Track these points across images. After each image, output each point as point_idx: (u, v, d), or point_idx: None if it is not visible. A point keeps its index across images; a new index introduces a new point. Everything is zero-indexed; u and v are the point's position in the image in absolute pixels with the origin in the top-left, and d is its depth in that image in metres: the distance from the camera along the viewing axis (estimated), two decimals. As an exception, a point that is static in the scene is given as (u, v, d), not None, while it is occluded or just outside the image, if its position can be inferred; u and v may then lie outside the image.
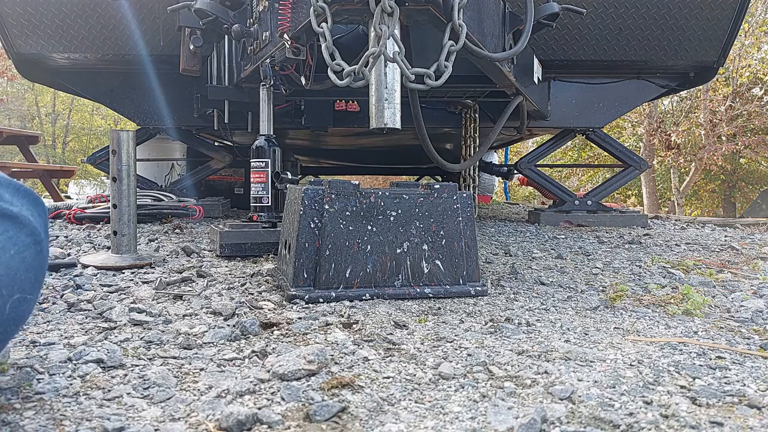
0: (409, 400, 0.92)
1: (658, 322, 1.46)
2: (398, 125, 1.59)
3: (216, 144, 4.90)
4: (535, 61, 3.13)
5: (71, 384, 0.97)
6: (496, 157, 7.95)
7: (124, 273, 1.95)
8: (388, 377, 1.02)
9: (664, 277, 2.09)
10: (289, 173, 2.39)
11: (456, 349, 1.18)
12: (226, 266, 2.13)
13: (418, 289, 1.66)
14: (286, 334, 1.29)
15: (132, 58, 3.64)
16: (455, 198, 1.74)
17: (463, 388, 0.97)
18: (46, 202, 3.87)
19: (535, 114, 3.81)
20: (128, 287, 1.73)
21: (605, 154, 4.50)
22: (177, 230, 3.16)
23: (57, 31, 3.53)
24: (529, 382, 1.00)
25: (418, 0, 1.59)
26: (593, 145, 4.72)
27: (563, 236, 3.35)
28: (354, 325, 1.35)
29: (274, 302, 1.57)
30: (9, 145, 6.79)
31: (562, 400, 0.92)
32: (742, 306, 1.63)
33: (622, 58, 3.70)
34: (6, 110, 20.57)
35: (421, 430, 0.82)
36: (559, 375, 1.03)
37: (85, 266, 2.01)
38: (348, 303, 1.58)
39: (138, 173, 2.53)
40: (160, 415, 0.86)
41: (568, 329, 1.37)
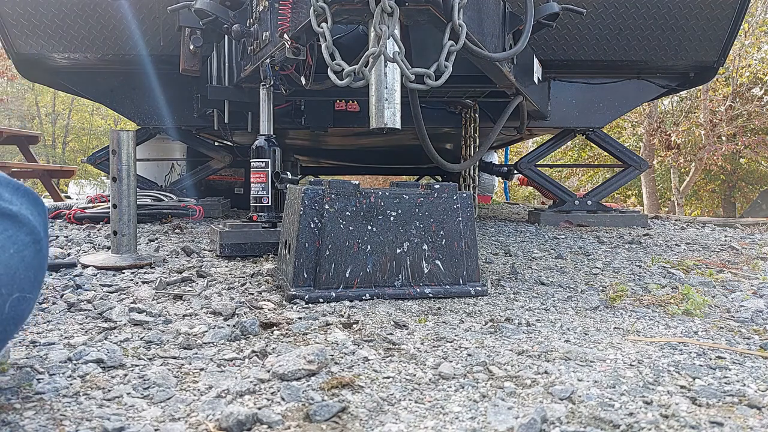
0: (409, 400, 0.92)
1: (658, 322, 1.46)
2: (398, 125, 1.59)
3: (216, 144, 4.90)
4: (535, 61, 3.13)
5: (71, 384, 0.97)
6: (496, 157, 7.95)
7: (124, 273, 1.95)
8: (388, 377, 1.02)
9: (664, 277, 2.09)
10: (289, 173, 2.39)
11: (456, 349, 1.18)
12: (226, 266, 2.13)
13: (418, 289, 1.66)
14: (286, 334, 1.29)
15: (132, 58, 3.64)
16: (455, 198, 1.74)
17: (463, 388, 0.97)
18: (46, 202, 3.87)
19: (535, 114, 3.81)
20: (128, 287, 1.73)
21: (605, 154, 4.50)
22: (177, 230, 3.16)
23: (57, 31, 3.53)
24: (529, 382, 1.00)
25: (418, 0, 1.59)
26: (593, 145, 4.72)
27: (563, 236, 3.35)
28: (354, 325, 1.35)
29: (274, 302, 1.57)
30: (9, 145, 6.79)
31: (562, 400, 0.92)
32: (742, 306, 1.63)
33: (622, 58, 3.70)
34: (6, 110, 20.58)
35: (421, 430, 0.82)
36: (559, 375, 1.03)
37: (85, 266, 2.01)
38: (348, 303, 1.58)
39: (138, 173, 2.53)
40: (160, 415, 0.86)
41: (568, 329, 1.37)
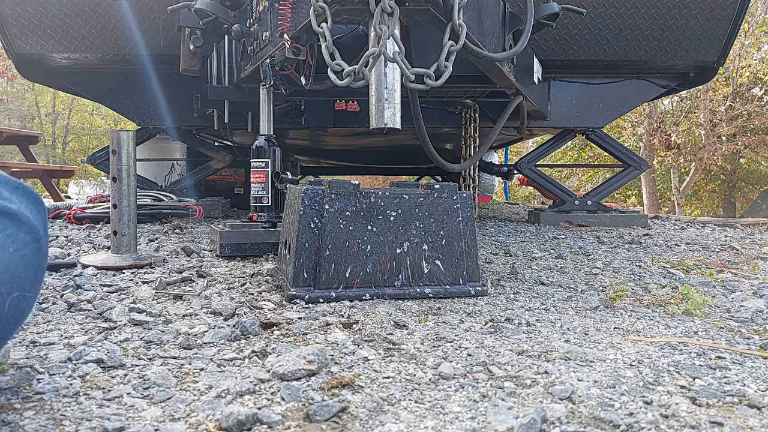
0: (409, 400, 0.92)
1: (658, 322, 1.46)
2: (398, 125, 1.59)
3: (216, 144, 4.90)
4: (535, 61, 3.13)
5: (71, 384, 0.97)
6: (496, 157, 7.95)
7: (124, 273, 1.95)
8: (388, 377, 1.02)
9: (664, 277, 2.09)
10: (289, 173, 2.39)
11: (456, 349, 1.18)
12: (226, 266, 2.13)
13: (418, 289, 1.66)
14: (286, 334, 1.29)
15: (132, 58, 3.64)
16: (455, 198, 1.74)
17: (463, 388, 0.97)
18: (46, 202, 3.86)
19: (535, 114, 3.81)
20: (128, 287, 1.73)
21: (605, 154, 4.50)
22: (177, 230, 3.16)
23: (57, 31, 3.53)
24: (529, 382, 1.00)
25: (418, 0, 1.59)
26: (593, 145, 4.72)
27: (563, 236, 3.35)
28: (354, 325, 1.35)
29: (274, 302, 1.57)
30: (9, 145, 6.79)
31: (562, 400, 0.92)
32: (742, 306, 1.63)
33: (622, 58, 3.70)
34: (6, 110, 20.58)
35: (421, 430, 0.82)
36: (559, 375, 1.03)
37: (85, 266, 2.01)
38: (348, 303, 1.58)
39: (138, 173, 2.53)
40: (160, 415, 0.86)
41: (568, 329, 1.37)
